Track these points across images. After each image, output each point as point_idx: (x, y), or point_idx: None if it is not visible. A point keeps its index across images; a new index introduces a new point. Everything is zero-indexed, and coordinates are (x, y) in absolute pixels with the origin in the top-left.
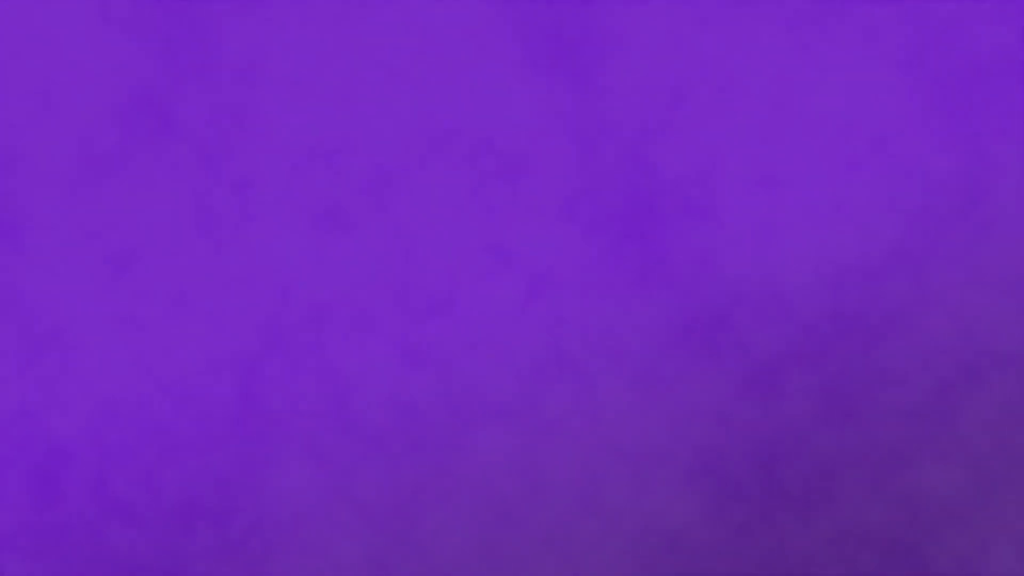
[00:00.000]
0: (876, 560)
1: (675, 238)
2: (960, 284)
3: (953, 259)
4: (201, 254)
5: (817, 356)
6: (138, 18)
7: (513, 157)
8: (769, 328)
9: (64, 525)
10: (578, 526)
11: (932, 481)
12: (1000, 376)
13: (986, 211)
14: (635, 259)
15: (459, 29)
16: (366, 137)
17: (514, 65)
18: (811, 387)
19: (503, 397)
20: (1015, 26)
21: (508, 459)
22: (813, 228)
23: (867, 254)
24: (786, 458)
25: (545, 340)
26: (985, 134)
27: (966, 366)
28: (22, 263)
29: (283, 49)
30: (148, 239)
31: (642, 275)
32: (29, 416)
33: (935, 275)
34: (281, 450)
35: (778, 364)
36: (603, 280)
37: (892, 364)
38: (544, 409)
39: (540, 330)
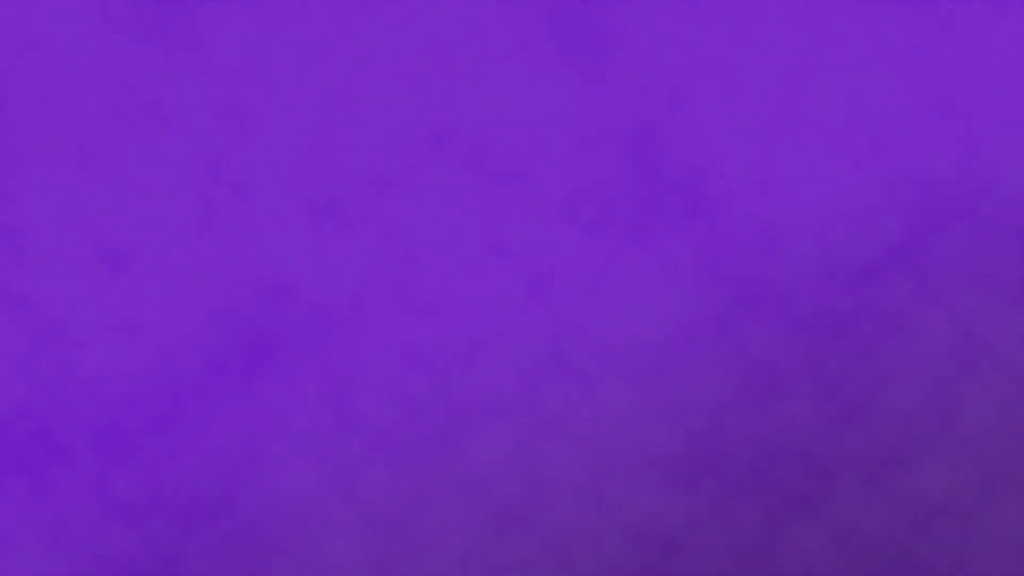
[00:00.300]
0: (876, 560)
1: (675, 238)
2: (960, 284)
3: (953, 259)
4: (201, 253)
5: (817, 356)
6: (138, 18)
7: (513, 157)
8: (769, 328)
9: (64, 525)
10: (578, 526)
11: (932, 481)
12: (1000, 376)
13: (986, 211)
14: (635, 259)
15: (459, 29)
16: (366, 137)
17: (514, 65)
18: (810, 387)
19: (503, 397)
20: (1015, 26)
21: (508, 459)
22: (813, 228)
23: (867, 254)
24: (786, 458)
25: (545, 340)
26: (985, 134)
27: (966, 366)
28: (21, 263)
29: (283, 49)
30: (147, 238)
31: (642, 275)
32: (29, 416)
33: (935, 275)
34: (281, 450)
35: (778, 364)
36: (603, 280)
37: (892, 364)
38: (544, 409)
39: (540, 330)
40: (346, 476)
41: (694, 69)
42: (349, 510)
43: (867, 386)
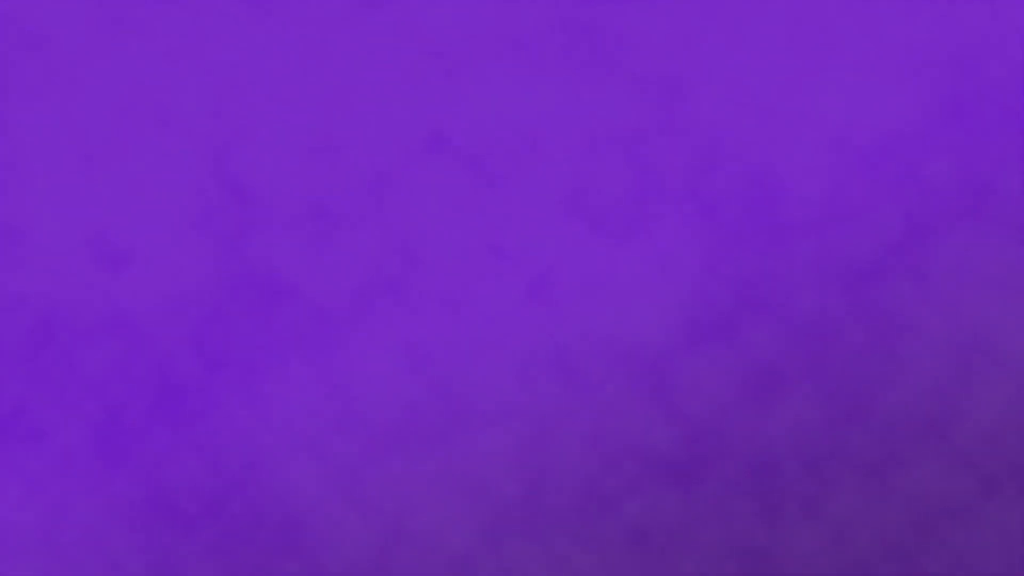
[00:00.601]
0: (876, 560)
1: (675, 238)
2: (960, 284)
3: (953, 259)
4: (200, 253)
5: (817, 356)
6: (138, 18)
7: (513, 157)
8: (769, 328)
9: (64, 525)
10: (578, 526)
11: (932, 481)
12: (1000, 376)
13: (986, 211)
14: (636, 259)
15: (459, 29)
16: (365, 136)
17: (514, 65)
18: (811, 387)
19: (503, 397)
20: (1015, 26)
21: (508, 459)
22: (813, 228)
23: (867, 254)
24: (786, 458)
25: (545, 340)
26: (985, 134)
27: (966, 366)
28: (21, 263)
29: (283, 49)
30: (147, 238)
31: (642, 275)
32: (29, 416)
33: (935, 275)
34: (281, 450)
35: (778, 364)
36: (603, 280)
37: (892, 364)
38: (544, 409)
39: (540, 330)
40: (346, 476)
41: (694, 69)
42: (349, 510)
43: (867, 386)
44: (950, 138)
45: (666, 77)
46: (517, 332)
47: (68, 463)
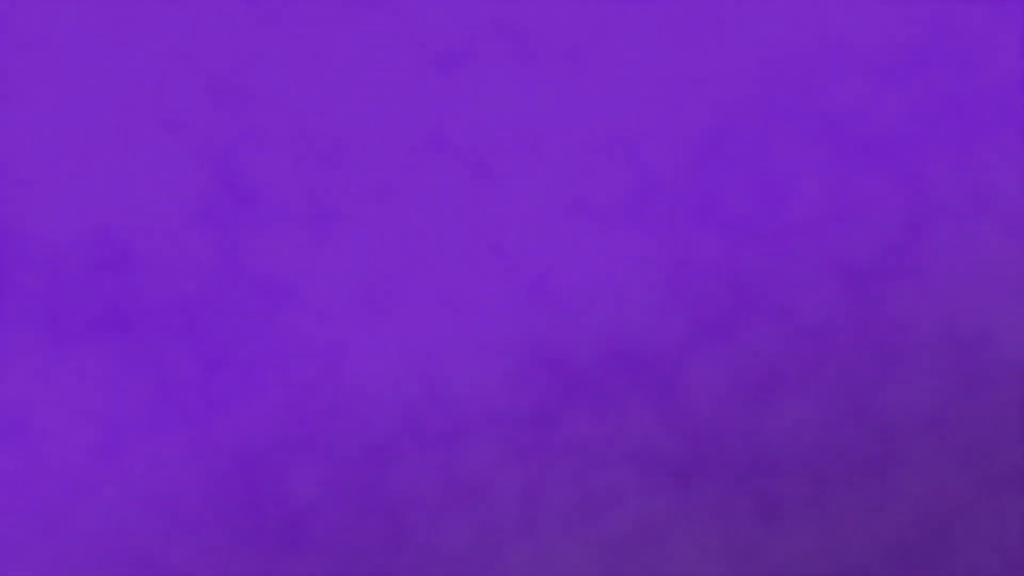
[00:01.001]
0: (876, 560)
1: (675, 239)
2: (960, 284)
3: (953, 259)
4: (200, 253)
5: (817, 356)
6: (138, 17)
7: (513, 157)
8: (769, 328)
9: (64, 525)
10: (577, 528)
11: (932, 481)
12: (1000, 376)
13: (986, 211)
14: (635, 260)
15: (459, 29)
16: (366, 137)
17: (514, 64)
18: (811, 387)
19: (502, 397)
20: (1015, 26)
21: (507, 459)
22: (813, 228)
23: (867, 254)
24: (785, 458)
25: (545, 340)
26: (985, 134)
27: (966, 366)
28: (20, 263)
29: (283, 48)
30: (147, 238)
31: (642, 276)
32: (28, 417)
33: (935, 275)
34: (281, 450)
35: (778, 364)
36: (603, 280)
37: (892, 364)
38: (543, 409)
39: (540, 330)
40: (346, 476)
41: (694, 69)
42: (349, 510)
43: (867, 386)
44: (950, 138)
45: (666, 77)
46: (517, 332)
47: (68, 463)
